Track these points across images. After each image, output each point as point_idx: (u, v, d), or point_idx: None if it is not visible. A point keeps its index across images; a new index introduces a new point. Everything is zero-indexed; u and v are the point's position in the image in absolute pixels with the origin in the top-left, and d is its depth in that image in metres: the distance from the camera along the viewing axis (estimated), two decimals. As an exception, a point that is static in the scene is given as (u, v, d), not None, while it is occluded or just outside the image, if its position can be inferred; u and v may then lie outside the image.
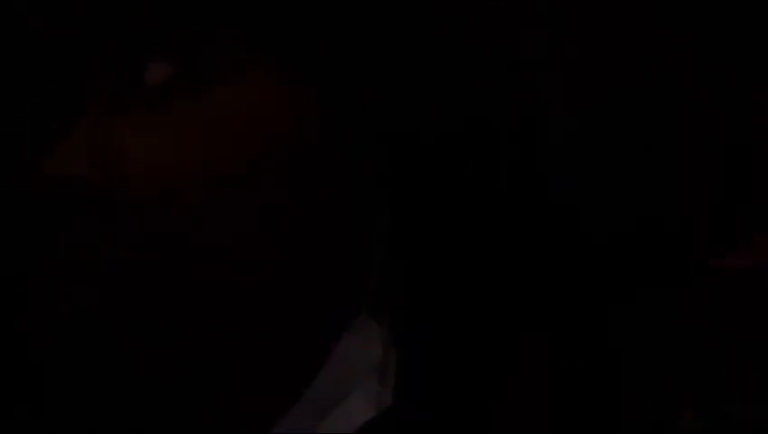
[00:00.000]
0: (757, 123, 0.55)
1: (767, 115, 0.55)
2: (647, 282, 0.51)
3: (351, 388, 0.47)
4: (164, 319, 0.47)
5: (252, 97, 0.48)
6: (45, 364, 0.48)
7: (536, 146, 0.50)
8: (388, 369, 0.47)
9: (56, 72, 0.47)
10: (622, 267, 0.51)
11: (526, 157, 0.50)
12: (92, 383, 0.48)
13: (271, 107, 0.48)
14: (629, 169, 0.51)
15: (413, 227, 0.48)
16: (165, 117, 0.47)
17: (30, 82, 0.47)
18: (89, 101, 0.48)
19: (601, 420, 0.51)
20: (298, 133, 0.48)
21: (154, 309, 0.47)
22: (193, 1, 0.47)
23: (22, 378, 0.48)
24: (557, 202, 0.50)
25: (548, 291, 0.50)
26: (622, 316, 0.51)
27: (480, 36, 0.49)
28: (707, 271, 0.53)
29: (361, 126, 0.49)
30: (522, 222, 0.49)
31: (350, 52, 0.48)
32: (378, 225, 0.49)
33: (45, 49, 0.47)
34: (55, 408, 0.48)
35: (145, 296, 0.47)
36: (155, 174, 0.47)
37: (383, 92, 0.48)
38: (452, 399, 0.47)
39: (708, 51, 0.53)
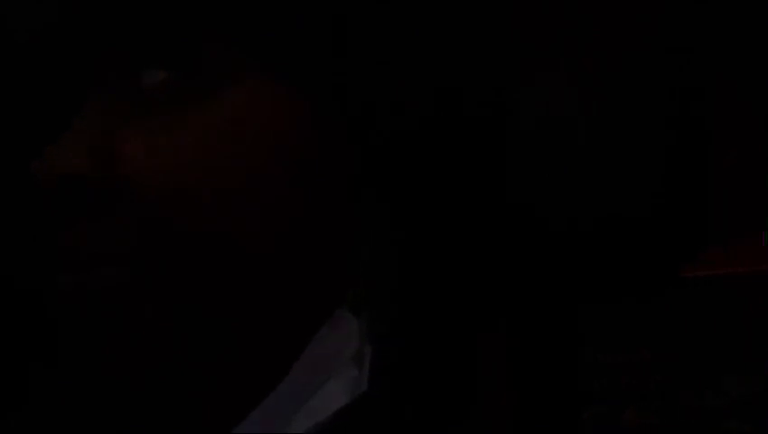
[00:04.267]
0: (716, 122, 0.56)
1: (724, 115, 0.57)
2: (613, 282, 0.53)
3: (329, 375, 0.49)
4: (158, 316, 0.49)
5: (249, 100, 0.49)
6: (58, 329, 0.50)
7: (506, 150, 0.52)
8: (364, 358, 0.49)
9: (58, 75, 0.48)
10: (588, 266, 0.52)
11: (495, 161, 0.51)
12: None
13: (268, 109, 0.49)
14: (589, 169, 0.53)
15: (394, 229, 0.50)
16: (164, 120, 0.48)
17: (31, 85, 0.49)
18: (91, 104, 0.49)
19: (556, 414, 0.52)
20: (295, 134, 0.49)
21: (144, 304, 0.49)
22: (192, 7, 0.48)
23: (38, 337, 0.51)
24: (520, 201, 0.51)
25: (512, 291, 0.51)
26: (590, 314, 0.53)
27: (463, 47, 0.51)
28: (670, 278, 0.54)
29: (354, 127, 0.50)
30: (492, 225, 0.51)
31: (342, 56, 0.49)
32: (363, 226, 0.51)
33: (47, 52, 0.48)
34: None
35: (136, 291, 0.48)
36: (152, 174, 0.48)
37: (377, 96, 0.50)
38: (420, 390, 0.49)
39: (666, 59, 0.55)
